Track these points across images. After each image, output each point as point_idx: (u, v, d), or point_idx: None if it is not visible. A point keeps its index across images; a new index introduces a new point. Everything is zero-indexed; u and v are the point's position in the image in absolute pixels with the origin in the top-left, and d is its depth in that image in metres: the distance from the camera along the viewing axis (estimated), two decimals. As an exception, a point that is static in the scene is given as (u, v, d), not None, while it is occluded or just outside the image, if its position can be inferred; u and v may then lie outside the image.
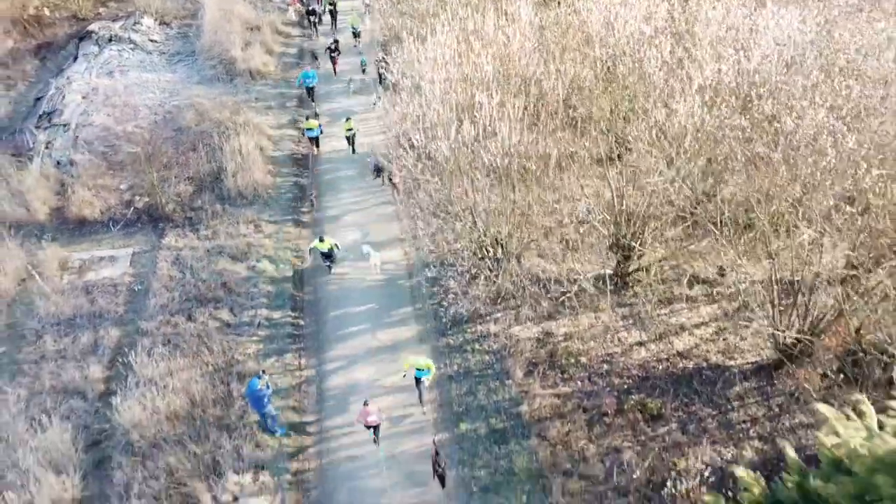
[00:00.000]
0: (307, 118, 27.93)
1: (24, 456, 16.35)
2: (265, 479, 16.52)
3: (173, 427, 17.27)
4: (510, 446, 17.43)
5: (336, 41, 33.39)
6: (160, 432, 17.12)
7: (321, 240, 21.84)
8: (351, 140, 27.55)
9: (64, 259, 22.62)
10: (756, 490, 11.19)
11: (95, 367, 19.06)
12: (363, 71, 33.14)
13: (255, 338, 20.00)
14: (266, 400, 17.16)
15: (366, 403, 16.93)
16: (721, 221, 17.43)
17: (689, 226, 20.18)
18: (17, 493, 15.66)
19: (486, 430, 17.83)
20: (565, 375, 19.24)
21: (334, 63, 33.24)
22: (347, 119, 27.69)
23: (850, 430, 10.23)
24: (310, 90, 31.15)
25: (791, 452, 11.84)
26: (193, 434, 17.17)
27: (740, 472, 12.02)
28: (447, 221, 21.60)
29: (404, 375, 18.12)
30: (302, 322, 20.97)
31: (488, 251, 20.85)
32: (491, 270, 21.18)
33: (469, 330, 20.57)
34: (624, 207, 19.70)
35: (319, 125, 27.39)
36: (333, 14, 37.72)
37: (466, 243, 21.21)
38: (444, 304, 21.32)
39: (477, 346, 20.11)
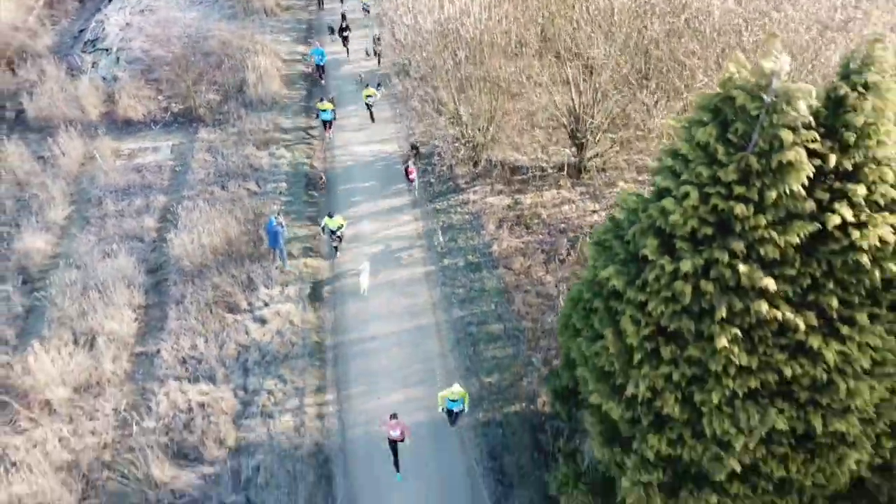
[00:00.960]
0: (321, 100, 27.53)
1: (102, 273, 20.88)
2: (289, 292, 21.07)
3: (215, 257, 21.78)
4: (482, 274, 22.00)
5: (343, 15, 32.96)
6: (205, 260, 21.64)
7: (330, 216, 22.31)
8: (370, 108, 28.36)
9: (116, 148, 27.10)
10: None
11: (149, 219, 23.61)
12: (366, 10, 35.62)
13: (277, 201, 24.49)
14: (280, 236, 21.60)
15: (393, 416, 16.22)
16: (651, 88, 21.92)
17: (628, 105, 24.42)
18: (99, 296, 20.17)
19: (463, 263, 22.40)
20: (529, 230, 23.78)
21: (346, 42, 32.61)
22: (367, 86, 28.67)
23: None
24: (320, 67, 31.03)
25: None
26: (231, 262, 21.69)
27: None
28: (435, 119, 26.08)
29: (441, 410, 17.22)
30: (315, 193, 25.45)
31: (469, 140, 25.36)
32: (471, 157, 25.74)
33: (452, 199, 25.11)
34: (580, 102, 24.09)
35: (333, 108, 27.22)
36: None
37: (451, 133, 25.70)
38: (432, 180, 25.83)
39: (458, 210, 24.65)
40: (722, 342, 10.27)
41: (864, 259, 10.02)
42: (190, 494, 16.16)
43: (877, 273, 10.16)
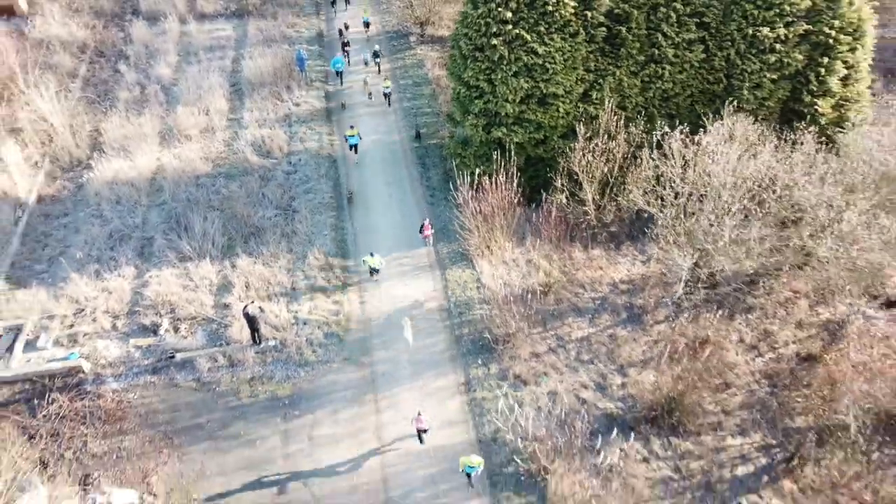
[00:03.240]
0: (351, 126, 32.73)
1: (204, 84, 37.10)
2: (311, 94, 37.31)
3: (269, 76, 37.93)
4: (422, 90, 38.25)
5: (341, 31, 41.13)
6: (262, 78, 37.80)
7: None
8: (388, 96, 36.55)
9: (198, 28, 43.28)
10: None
11: (226, 60, 39.82)
12: (377, 64, 39.73)
13: (303, 46, 40.66)
14: (304, 62, 37.78)
15: (419, 414, 21.32)
16: None
17: None
18: (205, 92, 36.34)
19: (411, 83, 38.70)
20: (452, 69, 39.98)
21: (347, 56, 39.37)
22: (386, 79, 37.67)
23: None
24: (339, 73, 38.60)
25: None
26: (277, 79, 37.88)
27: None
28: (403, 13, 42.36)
29: (462, 470, 20.36)
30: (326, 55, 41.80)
31: (417, 18, 41.70)
32: (419, 32, 42.10)
33: (408, 54, 41.36)
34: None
35: (359, 134, 32.55)
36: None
37: (409, 16, 42.00)
38: (392, 46, 42.14)
39: (410, 57, 40.89)
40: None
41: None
42: (266, 167, 32.48)
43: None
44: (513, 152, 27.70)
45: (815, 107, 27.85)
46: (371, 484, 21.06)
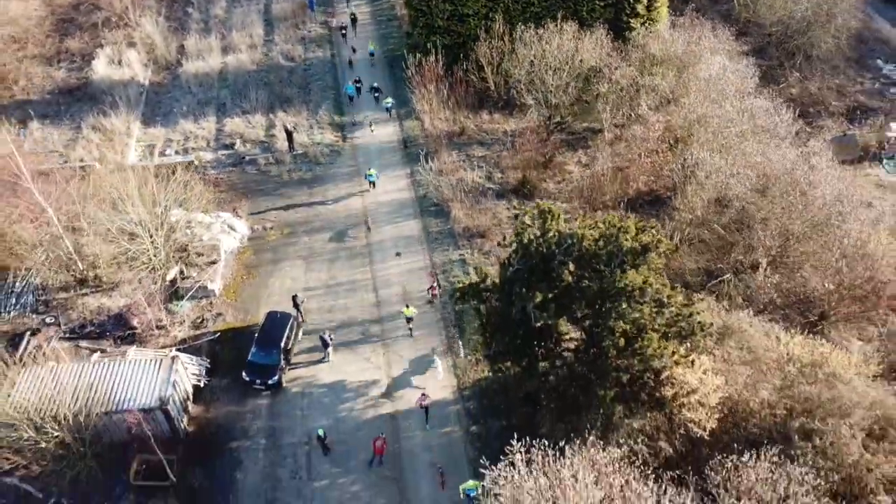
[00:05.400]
0: (369, 168, 40.65)
1: (249, 18, 55.20)
2: (319, 27, 55.44)
3: (290, 14, 55.92)
4: (392, 23, 56.37)
5: (353, 49, 52.04)
6: (286, 14, 55.81)
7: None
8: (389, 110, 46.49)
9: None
10: None
11: (260, 6, 57.87)
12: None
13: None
14: (313, 4, 55.87)
15: (424, 394, 29.06)
16: None
17: None
18: (247, 28, 54.39)
19: (384, 19, 56.83)
20: (415, 11, 58.18)
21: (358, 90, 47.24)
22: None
23: None
24: (351, 98, 47.01)
25: None
26: (294, 16, 55.88)
27: None
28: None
29: (461, 496, 25.67)
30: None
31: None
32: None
33: (384, 1, 59.54)
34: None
35: (377, 172, 40.52)
36: (354, 20, 54.36)
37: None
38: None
39: (384, 4, 59.00)
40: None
41: None
42: (291, 67, 50.59)
43: None
44: (441, 50, 45.82)
45: (630, 23, 46.05)
46: (356, 210, 39.56)
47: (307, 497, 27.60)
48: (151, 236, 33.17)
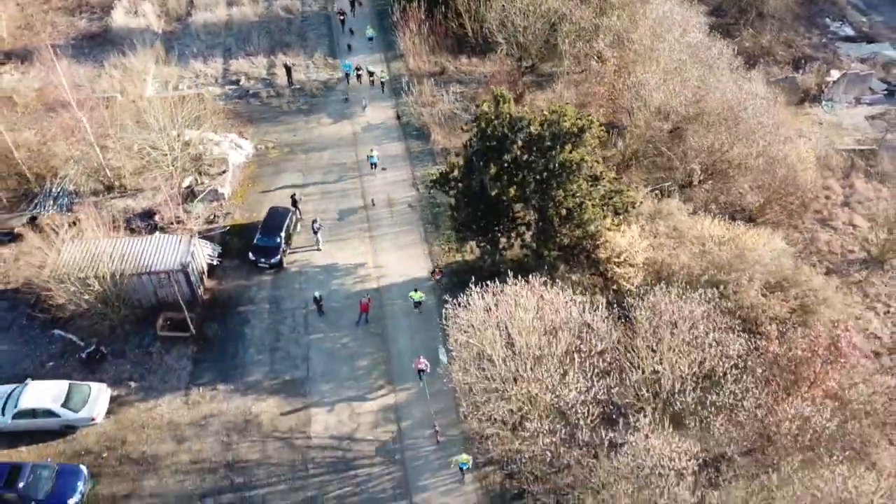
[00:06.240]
0: (371, 149, 42.10)
1: None
2: None
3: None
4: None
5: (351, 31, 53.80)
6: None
7: (416, 291, 34.25)
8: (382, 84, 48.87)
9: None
10: None
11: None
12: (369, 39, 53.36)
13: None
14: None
15: (419, 358, 31.01)
16: None
17: None
18: None
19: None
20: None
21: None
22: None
23: None
24: (347, 76, 49.18)
25: None
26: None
27: None
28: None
29: (451, 466, 27.70)
30: None
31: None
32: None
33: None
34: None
35: (378, 154, 41.94)
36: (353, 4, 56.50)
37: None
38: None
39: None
40: None
41: None
42: (289, 18, 55.98)
43: None
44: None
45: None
46: (347, 134, 45.10)
47: (304, 346, 33.16)
48: (171, 147, 38.62)
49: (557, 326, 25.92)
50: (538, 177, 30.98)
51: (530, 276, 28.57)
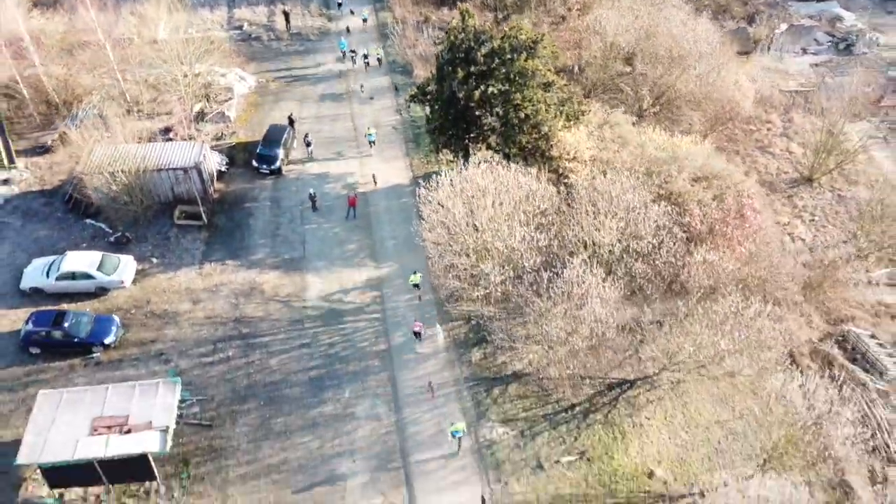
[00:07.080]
0: (368, 128, 44.14)
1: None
2: None
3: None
4: None
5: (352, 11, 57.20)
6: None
7: (415, 273, 34.61)
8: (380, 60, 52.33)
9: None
10: None
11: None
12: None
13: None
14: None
15: (416, 321, 32.78)
16: None
17: None
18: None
19: None
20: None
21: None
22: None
23: None
24: (344, 53, 51.79)
25: None
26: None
27: None
28: None
29: (450, 436, 28.46)
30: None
31: None
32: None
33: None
34: None
35: (376, 131, 43.98)
36: None
37: None
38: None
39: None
40: None
41: None
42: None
43: None
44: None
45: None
46: (339, 70, 50.61)
47: (300, 234, 38.67)
48: (184, 74, 44.10)
49: (506, 190, 31.48)
50: (501, 86, 36.36)
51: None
